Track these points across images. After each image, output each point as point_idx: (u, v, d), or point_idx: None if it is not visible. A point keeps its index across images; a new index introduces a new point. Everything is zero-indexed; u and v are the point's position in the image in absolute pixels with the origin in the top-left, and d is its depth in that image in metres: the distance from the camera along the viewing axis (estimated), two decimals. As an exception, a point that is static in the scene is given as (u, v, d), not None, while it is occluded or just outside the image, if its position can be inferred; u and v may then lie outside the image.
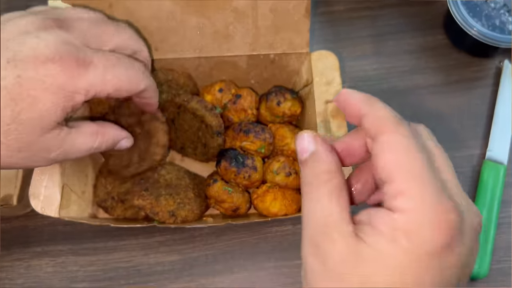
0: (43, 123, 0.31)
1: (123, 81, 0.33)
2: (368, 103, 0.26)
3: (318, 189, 0.25)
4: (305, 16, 0.43)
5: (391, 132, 0.24)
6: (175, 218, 0.41)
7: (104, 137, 0.36)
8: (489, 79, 0.51)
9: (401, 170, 0.23)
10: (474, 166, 0.47)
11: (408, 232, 0.22)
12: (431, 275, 0.22)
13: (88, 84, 0.31)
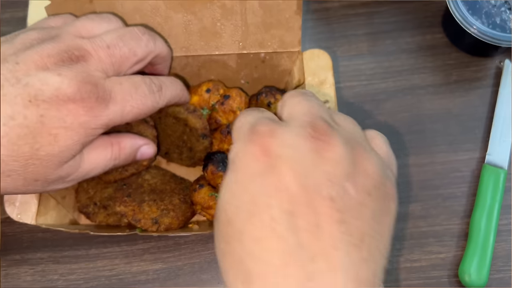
0: (62, 158, 0.31)
1: (141, 109, 0.33)
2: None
3: None
4: (297, 13, 0.41)
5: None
6: (158, 226, 0.39)
7: (120, 147, 0.35)
8: (489, 80, 0.49)
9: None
10: (474, 170, 0.45)
11: (234, 155, 0.25)
12: (251, 179, 0.24)
13: (108, 119, 0.31)
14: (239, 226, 0.23)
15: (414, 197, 0.44)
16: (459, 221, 0.43)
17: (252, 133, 0.25)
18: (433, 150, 0.46)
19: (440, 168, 0.45)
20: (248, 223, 0.22)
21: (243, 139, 0.25)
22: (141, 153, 0.37)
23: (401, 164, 0.45)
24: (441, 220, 0.43)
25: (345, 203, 0.22)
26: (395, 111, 0.48)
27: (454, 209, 0.43)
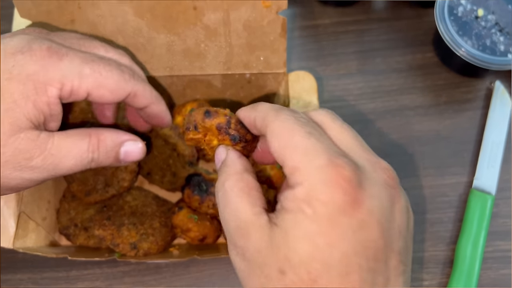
0: (12, 118, 0.27)
1: (105, 77, 0.30)
2: (252, 108, 0.27)
3: (229, 192, 0.25)
4: (281, 36, 0.40)
5: (271, 122, 0.25)
6: (136, 251, 0.38)
7: (100, 139, 0.31)
8: (479, 101, 0.48)
9: (288, 150, 0.24)
10: (461, 194, 0.44)
11: (308, 200, 0.22)
12: (341, 236, 0.21)
13: (61, 75, 0.29)
14: (328, 285, 0.21)
15: (399, 221, 0.43)
16: (445, 247, 0.42)
17: (336, 174, 0.22)
18: (421, 173, 0.45)
19: (427, 192, 0.44)
20: (341, 283, 0.21)
21: (319, 177, 0.22)
22: (125, 150, 0.32)
23: (388, 187, 0.45)
24: (426, 246, 0.42)
25: (406, 253, 0.23)
26: (384, 133, 0.47)
27: (440, 235, 0.43)
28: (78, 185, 0.41)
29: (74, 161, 0.30)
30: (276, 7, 0.38)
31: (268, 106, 0.26)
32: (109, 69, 0.31)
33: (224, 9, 0.38)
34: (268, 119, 0.25)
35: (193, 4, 0.38)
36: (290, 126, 0.24)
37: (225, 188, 0.25)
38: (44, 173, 0.29)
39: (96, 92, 0.30)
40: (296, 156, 0.23)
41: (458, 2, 0.47)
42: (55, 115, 0.30)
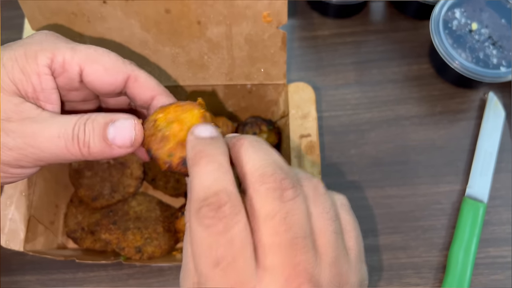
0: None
1: (99, 53, 0.28)
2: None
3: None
4: (281, 49, 0.42)
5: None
6: (141, 255, 0.40)
7: (90, 117, 0.26)
8: (473, 112, 0.50)
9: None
10: (454, 202, 0.46)
11: None
12: None
13: (54, 46, 0.27)
14: None
15: (394, 228, 0.45)
16: (438, 253, 0.44)
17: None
18: (416, 181, 0.47)
19: (421, 200, 0.46)
20: None
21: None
22: (114, 128, 0.26)
23: (384, 195, 0.46)
24: (420, 252, 0.44)
25: None
26: (380, 141, 0.49)
27: (433, 241, 0.44)
28: (85, 190, 0.43)
29: (57, 131, 0.26)
30: (277, 22, 0.40)
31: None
32: (105, 51, 0.29)
33: (226, 24, 0.40)
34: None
35: (197, 19, 0.39)
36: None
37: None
38: (18, 141, 0.25)
39: (89, 67, 0.28)
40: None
41: (453, 16, 0.49)
42: (48, 92, 0.27)
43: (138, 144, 0.27)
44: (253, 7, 0.38)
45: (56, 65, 0.27)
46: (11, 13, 0.58)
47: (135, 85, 0.29)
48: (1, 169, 0.26)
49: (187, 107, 0.28)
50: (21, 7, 0.38)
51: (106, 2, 0.38)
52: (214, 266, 0.21)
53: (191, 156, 0.23)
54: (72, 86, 0.29)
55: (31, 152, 0.26)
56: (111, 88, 0.29)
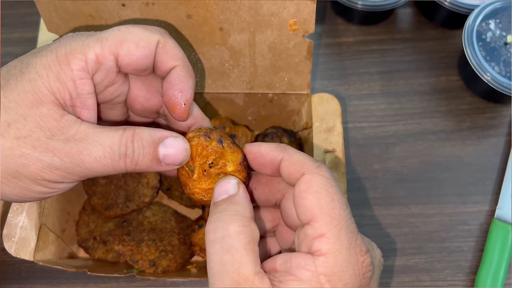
0: (33, 88, 0.25)
1: (124, 31, 0.27)
2: (280, 149, 0.26)
3: (235, 239, 0.23)
4: (307, 58, 0.40)
5: (311, 173, 0.24)
6: (155, 268, 0.38)
7: (135, 133, 0.26)
8: (504, 128, 0.47)
9: (322, 212, 0.23)
10: (482, 224, 0.44)
11: (330, 276, 0.22)
12: None
13: (81, 44, 0.26)
14: None
15: (419, 248, 0.43)
16: (464, 277, 0.42)
17: (361, 262, 0.23)
18: (442, 200, 0.45)
19: (447, 220, 0.44)
20: None
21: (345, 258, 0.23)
22: (165, 148, 0.26)
23: (408, 213, 0.44)
24: (445, 275, 0.42)
25: None
26: (405, 156, 0.47)
27: (459, 264, 0.42)
28: (98, 198, 0.42)
29: (103, 151, 0.25)
30: (303, 31, 0.38)
31: (303, 154, 0.26)
32: (128, 27, 0.28)
33: (250, 31, 0.38)
34: (306, 167, 0.25)
35: (220, 26, 0.38)
36: (332, 189, 0.24)
37: (230, 231, 0.24)
38: (66, 161, 0.25)
39: (122, 50, 0.27)
40: (328, 223, 0.23)
41: (487, 27, 0.46)
42: (84, 97, 0.26)
43: (187, 160, 0.28)
44: (279, 15, 0.37)
45: (91, 63, 0.26)
46: (26, 10, 0.57)
47: (162, 52, 0.28)
48: (47, 185, 0.26)
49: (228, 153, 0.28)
50: (38, 8, 0.37)
51: (125, 5, 0.37)
52: (346, 207, 0.24)
53: (274, 147, 0.27)
54: (110, 79, 0.28)
55: (78, 170, 0.26)
56: (147, 61, 0.28)
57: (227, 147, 0.28)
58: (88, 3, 0.37)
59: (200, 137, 0.28)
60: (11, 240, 0.37)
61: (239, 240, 0.23)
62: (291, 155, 0.26)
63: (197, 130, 0.28)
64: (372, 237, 0.43)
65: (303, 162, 0.25)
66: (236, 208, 0.25)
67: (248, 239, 0.23)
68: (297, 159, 0.26)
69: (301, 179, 0.24)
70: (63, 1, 0.36)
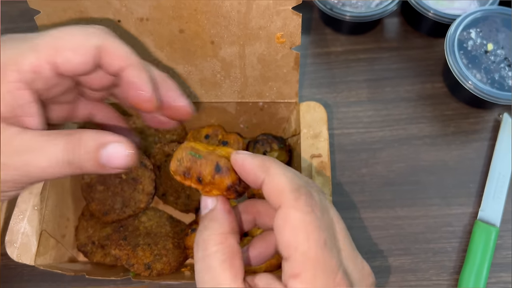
0: None
1: (59, 37, 0.26)
2: (263, 169, 0.25)
3: (212, 257, 0.24)
4: (294, 68, 0.42)
5: (288, 207, 0.24)
6: (150, 271, 0.40)
7: (81, 139, 0.26)
8: (487, 133, 0.49)
9: (297, 252, 0.23)
10: (466, 225, 0.45)
11: None
12: None
13: (14, 53, 0.25)
14: None
15: (405, 250, 0.45)
16: (448, 277, 0.43)
17: None
18: (427, 202, 0.46)
19: (432, 222, 0.46)
20: None
21: None
22: (107, 153, 0.26)
23: (395, 216, 0.46)
24: (430, 275, 0.43)
25: None
26: (391, 161, 0.49)
27: (443, 264, 0.44)
28: (96, 204, 0.43)
29: (48, 161, 0.25)
30: (290, 43, 0.40)
31: (284, 179, 0.24)
32: (67, 30, 0.27)
33: (240, 44, 0.40)
34: (284, 199, 0.24)
35: (211, 39, 0.39)
36: (309, 226, 0.23)
37: (208, 251, 0.24)
38: (13, 173, 0.25)
39: (59, 59, 0.26)
40: (303, 262, 0.23)
41: (468, 36, 0.48)
42: (25, 106, 0.26)
43: (132, 165, 0.27)
44: (267, 29, 0.39)
45: (26, 74, 0.25)
46: (27, 25, 0.59)
47: (105, 55, 0.27)
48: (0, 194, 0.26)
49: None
50: (37, 24, 0.39)
51: (121, 21, 0.39)
52: (324, 245, 0.23)
53: (258, 163, 0.26)
54: (51, 83, 0.27)
55: (26, 180, 0.26)
56: (87, 67, 0.27)
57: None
58: (85, 20, 0.39)
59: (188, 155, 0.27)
60: (13, 246, 0.39)
61: (216, 258, 0.24)
62: (272, 178, 0.25)
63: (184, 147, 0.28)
64: (360, 239, 0.45)
65: (282, 190, 0.24)
66: (213, 226, 0.26)
67: (224, 257, 0.24)
68: (276, 185, 0.24)
69: (278, 211, 0.24)
70: (62, 17, 0.38)
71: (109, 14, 0.38)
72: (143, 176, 0.43)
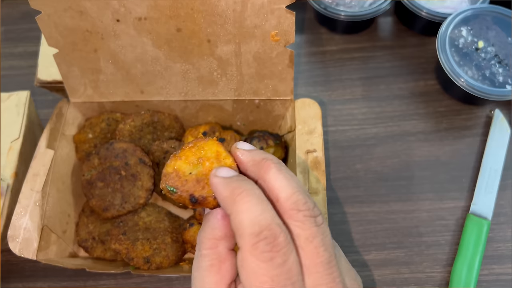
0: None
1: None
2: (230, 201, 0.24)
3: (201, 260, 0.26)
4: (289, 66, 0.43)
5: (245, 251, 0.23)
6: (149, 265, 0.41)
7: None
8: (479, 128, 0.50)
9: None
10: (458, 219, 0.46)
11: None
12: None
13: None
14: None
15: (398, 243, 0.45)
16: (441, 269, 0.44)
17: None
18: (420, 197, 0.47)
19: (425, 216, 0.46)
20: None
21: None
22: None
23: (389, 210, 0.47)
24: (423, 268, 0.44)
25: None
26: (385, 157, 0.49)
27: (437, 257, 0.45)
28: (96, 201, 0.44)
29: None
30: (284, 41, 0.41)
31: (246, 223, 0.23)
32: None
33: (236, 42, 0.41)
34: (242, 245, 0.23)
35: (207, 38, 0.41)
36: (263, 271, 0.23)
37: (200, 252, 0.26)
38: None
39: None
40: None
41: (459, 33, 0.49)
42: None
43: None
44: (262, 27, 0.40)
45: None
46: (28, 26, 0.60)
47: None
48: None
49: (203, 144, 0.29)
50: (38, 24, 0.40)
51: (119, 20, 0.40)
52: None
53: (226, 194, 0.25)
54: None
55: None
56: None
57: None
58: (85, 19, 0.40)
59: None
60: (15, 241, 0.40)
61: (204, 262, 0.26)
62: (235, 215, 0.24)
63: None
64: (354, 233, 0.46)
65: (242, 233, 0.23)
66: (206, 230, 0.26)
67: (211, 262, 0.25)
68: (237, 225, 0.24)
69: (238, 253, 0.24)
70: (62, 18, 0.39)
71: (108, 14, 0.39)
72: (142, 173, 0.44)
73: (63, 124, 0.45)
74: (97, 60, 0.43)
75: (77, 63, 0.43)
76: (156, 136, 0.47)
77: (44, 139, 0.43)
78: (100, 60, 0.43)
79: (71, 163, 0.46)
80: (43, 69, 0.48)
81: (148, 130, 0.47)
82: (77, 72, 0.44)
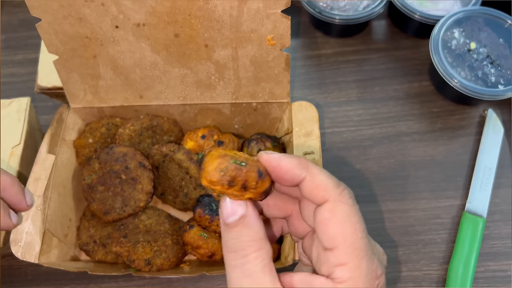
0: None
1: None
2: (303, 167, 0.26)
3: (253, 263, 0.25)
4: (285, 69, 0.43)
5: (335, 200, 0.25)
6: (150, 267, 0.41)
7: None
8: (473, 128, 0.51)
9: (345, 243, 0.25)
10: (454, 217, 0.47)
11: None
12: None
13: None
14: None
15: (396, 242, 0.46)
16: (438, 267, 0.45)
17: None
18: (416, 196, 0.48)
19: (422, 215, 0.47)
20: None
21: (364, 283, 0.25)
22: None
23: (385, 209, 0.48)
24: (420, 266, 0.45)
25: None
26: (381, 157, 0.50)
27: (433, 255, 0.45)
28: (97, 204, 0.45)
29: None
30: (280, 45, 0.41)
31: (326, 175, 0.26)
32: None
33: (233, 47, 0.42)
34: (331, 194, 0.25)
35: (205, 43, 0.41)
36: (354, 218, 0.25)
37: (248, 257, 0.25)
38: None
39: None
40: (349, 253, 0.24)
41: (452, 35, 0.50)
42: None
43: None
44: (258, 31, 0.40)
45: None
46: (28, 33, 0.61)
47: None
48: None
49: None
50: (39, 31, 0.41)
51: (118, 27, 0.41)
52: (366, 235, 0.26)
53: (296, 162, 0.26)
54: None
55: None
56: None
57: None
58: (85, 26, 0.40)
59: None
60: (17, 245, 0.40)
61: (257, 265, 0.25)
62: (314, 175, 0.26)
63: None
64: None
65: (326, 186, 0.25)
66: (250, 233, 0.26)
67: (264, 262, 0.25)
68: (320, 181, 0.26)
69: (324, 206, 0.25)
70: (62, 25, 0.40)
71: (107, 20, 0.40)
72: (142, 176, 0.45)
73: (63, 130, 0.46)
74: (96, 66, 0.43)
75: (76, 69, 0.44)
76: (156, 140, 0.48)
77: (45, 144, 0.44)
78: (100, 66, 0.44)
79: (71, 168, 0.47)
80: (43, 76, 0.49)
81: (148, 134, 0.48)
82: (77, 78, 0.45)
